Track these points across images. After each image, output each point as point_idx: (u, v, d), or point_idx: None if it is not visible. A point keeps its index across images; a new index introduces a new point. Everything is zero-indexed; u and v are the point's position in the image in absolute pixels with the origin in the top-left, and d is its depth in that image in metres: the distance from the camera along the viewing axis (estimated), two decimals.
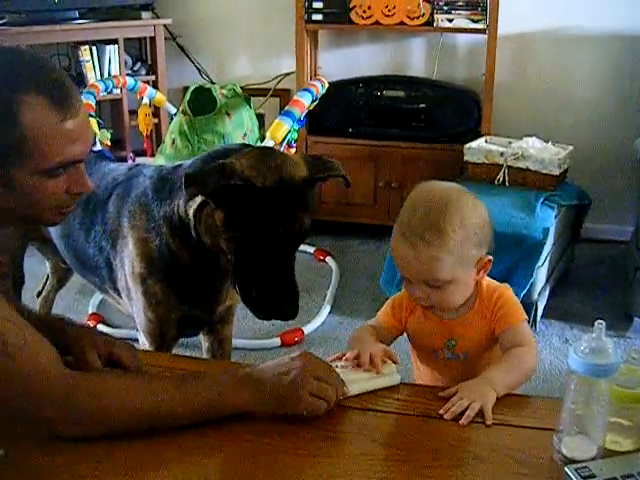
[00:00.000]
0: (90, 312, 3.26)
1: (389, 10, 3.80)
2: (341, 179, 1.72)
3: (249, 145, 1.68)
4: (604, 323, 1.15)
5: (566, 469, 1.14)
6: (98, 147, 2.96)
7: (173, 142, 3.06)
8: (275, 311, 1.59)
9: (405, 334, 1.61)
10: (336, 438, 1.26)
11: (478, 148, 3.52)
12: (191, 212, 1.62)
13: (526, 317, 1.53)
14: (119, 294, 1.91)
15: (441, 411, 1.32)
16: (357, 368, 1.40)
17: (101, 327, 3.14)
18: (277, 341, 3.05)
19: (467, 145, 3.54)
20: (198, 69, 4.50)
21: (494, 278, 1.58)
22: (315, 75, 4.02)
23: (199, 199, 1.59)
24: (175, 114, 3.35)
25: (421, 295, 1.47)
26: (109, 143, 3.27)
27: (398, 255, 1.46)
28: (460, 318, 1.53)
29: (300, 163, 1.60)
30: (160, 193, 1.72)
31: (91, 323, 3.17)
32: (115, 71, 4.19)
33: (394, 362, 1.44)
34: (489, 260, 1.49)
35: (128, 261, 1.79)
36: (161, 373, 1.43)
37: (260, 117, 3.76)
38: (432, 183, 1.53)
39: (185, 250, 1.70)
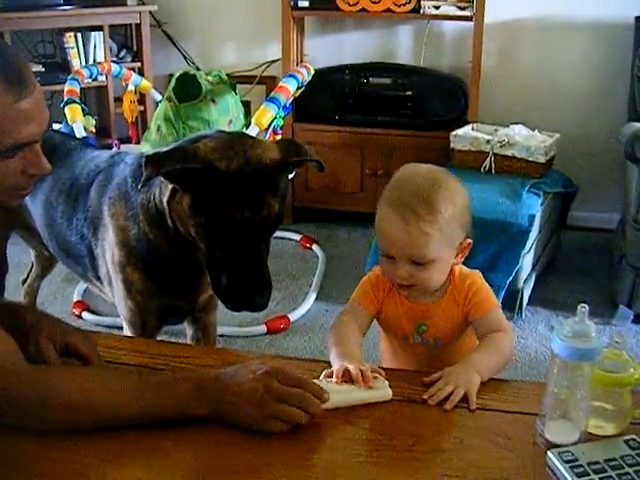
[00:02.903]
0: (75, 300, 3.25)
1: None
2: (315, 164, 1.67)
3: (226, 132, 1.65)
4: (587, 307, 1.15)
5: (549, 453, 1.14)
6: (82, 134, 2.94)
7: (158, 129, 3.04)
8: (244, 301, 1.55)
9: (376, 319, 1.59)
10: (317, 423, 1.24)
11: (464, 135, 3.52)
12: (165, 199, 1.60)
13: (499, 303, 1.54)
14: (102, 282, 1.90)
15: (425, 396, 1.32)
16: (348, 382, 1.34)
17: (86, 315, 3.14)
18: (263, 328, 3.04)
19: (454, 132, 3.54)
20: (184, 56, 4.48)
21: (480, 265, 1.58)
22: (301, 62, 4.01)
23: (171, 186, 1.57)
24: (160, 101, 3.32)
25: (403, 274, 1.45)
26: (94, 130, 3.24)
27: (386, 230, 1.45)
28: (433, 304, 1.53)
29: (272, 147, 1.56)
30: (139, 181, 1.70)
31: (76, 311, 3.17)
32: (100, 58, 4.16)
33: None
34: (469, 244, 1.50)
35: (109, 249, 1.78)
36: (121, 368, 1.40)
37: (246, 104, 3.74)
38: (416, 164, 1.53)
39: (163, 239, 1.67)
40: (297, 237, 3.94)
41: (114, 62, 3.94)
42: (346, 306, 1.59)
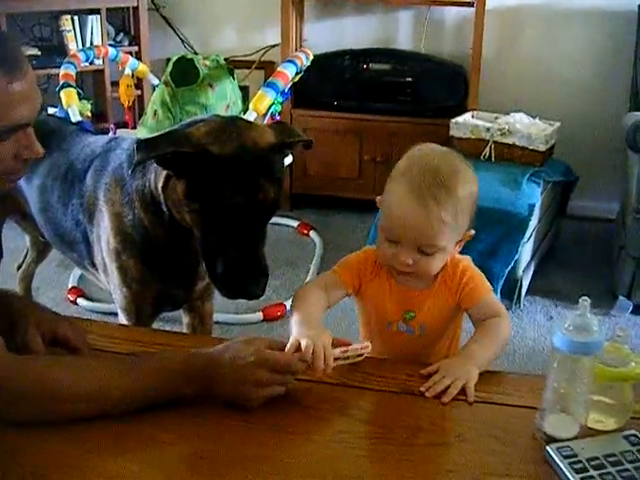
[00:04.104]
0: (70, 286, 3.23)
1: None
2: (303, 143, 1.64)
3: (220, 116, 1.61)
4: (589, 300, 1.13)
5: (547, 448, 1.13)
6: (77, 118, 2.91)
7: (155, 113, 3.01)
8: (240, 289, 1.53)
9: (356, 301, 1.57)
10: (315, 415, 1.23)
11: (464, 123, 3.49)
12: (159, 185, 1.57)
13: (491, 288, 1.50)
14: (97, 269, 1.87)
15: (422, 388, 1.30)
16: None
17: (82, 301, 3.12)
18: (259, 316, 3.03)
19: (453, 120, 3.51)
20: (182, 40, 4.44)
21: (479, 254, 1.55)
22: (300, 47, 3.97)
23: (165, 172, 1.54)
24: (157, 85, 3.29)
25: (407, 261, 1.40)
26: (89, 114, 3.21)
27: (402, 214, 1.38)
28: (423, 289, 1.49)
29: (267, 131, 1.54)
30: None
31: (71, 297, 3.15)
32: (97, 42, 4.12)
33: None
34: (470, 235, 1.47)
35: (104, 236, 1.75)
36: (111, 356, 1.38)
37: (244, 89, 3.71)
38: (433, 145, 1.49)
39: (158, 226, 1.64)
40: (294, 223, 3.92)
41: (111, 46, 3.91)
42: (323, 275, 1.56)
